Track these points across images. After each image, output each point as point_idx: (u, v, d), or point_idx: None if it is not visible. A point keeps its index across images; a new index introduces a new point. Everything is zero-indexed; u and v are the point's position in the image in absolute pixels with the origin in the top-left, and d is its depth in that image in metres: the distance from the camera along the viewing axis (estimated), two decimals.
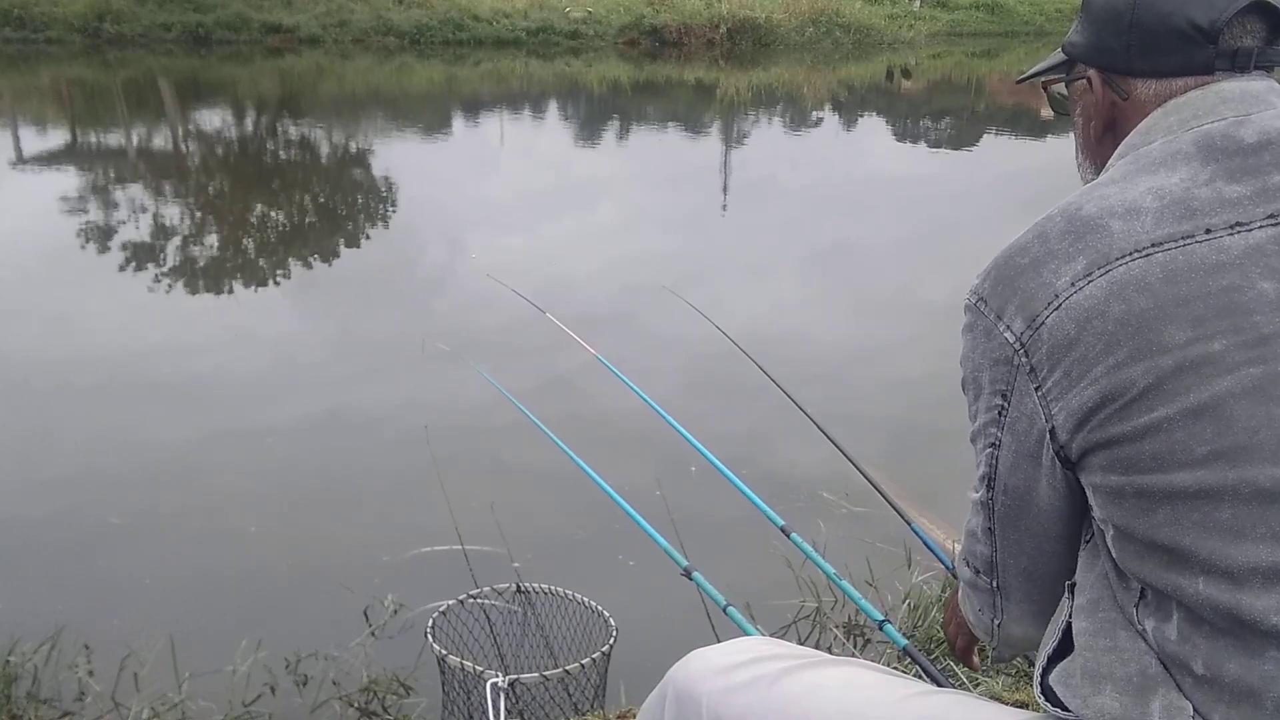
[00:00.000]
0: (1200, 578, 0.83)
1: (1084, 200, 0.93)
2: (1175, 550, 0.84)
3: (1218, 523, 0.82)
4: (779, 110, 13.92)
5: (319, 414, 4.14)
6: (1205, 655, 0.84)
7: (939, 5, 20.74)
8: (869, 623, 2.40)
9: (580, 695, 2.22)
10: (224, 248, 6.79)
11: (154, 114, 11.49)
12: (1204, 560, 0.83)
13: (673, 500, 3.39)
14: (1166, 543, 0.85)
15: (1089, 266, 0.88)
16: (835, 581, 2.07)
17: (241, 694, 2.44)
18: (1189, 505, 0.83)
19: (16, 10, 14.26)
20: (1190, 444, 0.83)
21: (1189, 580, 0.84)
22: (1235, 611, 0.82)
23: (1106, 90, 1.03)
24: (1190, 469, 0.83)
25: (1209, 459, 0.82)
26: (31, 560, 3.07)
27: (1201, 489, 0.82)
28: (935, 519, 3.37)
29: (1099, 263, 0.88)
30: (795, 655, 1.14)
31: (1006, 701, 2.18)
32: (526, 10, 16.74)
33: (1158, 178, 0.91)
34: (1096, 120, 1.05)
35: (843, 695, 1.05)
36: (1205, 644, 0.84)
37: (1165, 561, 0.85)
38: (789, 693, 1.07)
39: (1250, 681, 0.82)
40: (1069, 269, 0.89)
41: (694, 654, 1.17)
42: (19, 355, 4.67)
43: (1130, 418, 0.85)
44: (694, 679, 1.13)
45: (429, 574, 2.93)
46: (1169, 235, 0.87)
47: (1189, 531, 0.83)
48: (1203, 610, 0.84)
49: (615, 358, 2.77)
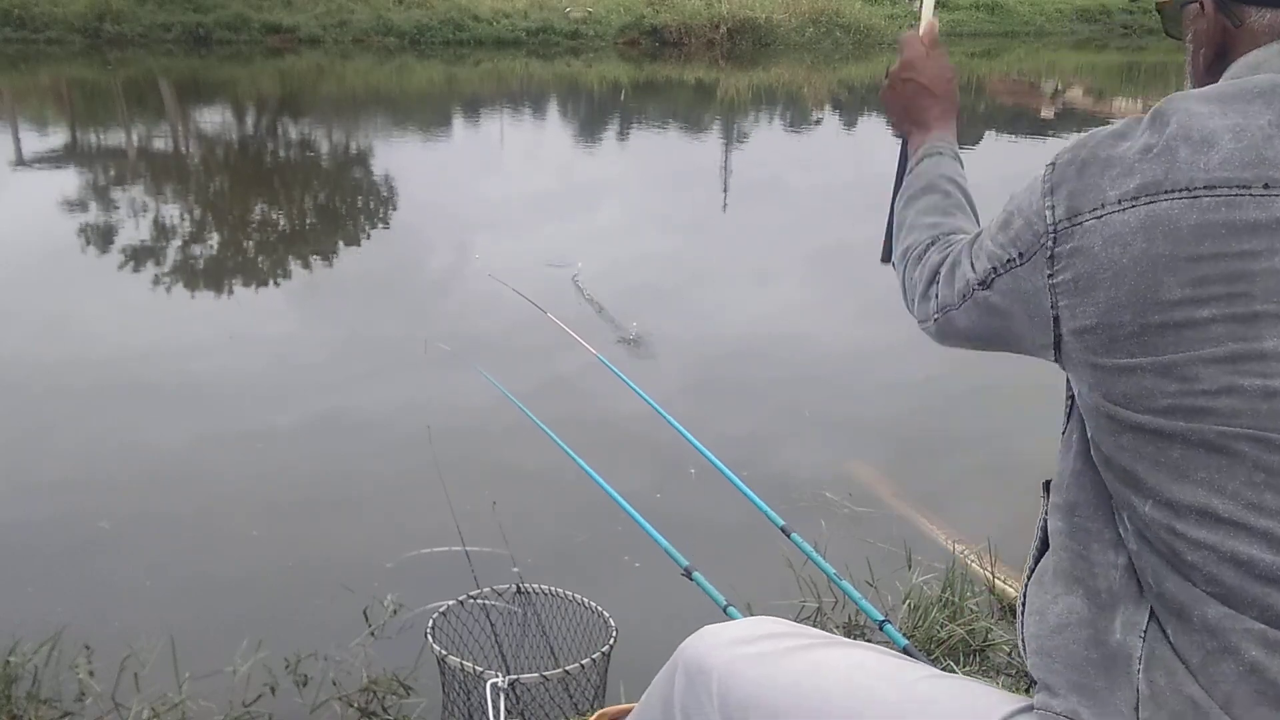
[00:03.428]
0: (1149, 501, 0.90)
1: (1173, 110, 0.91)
2: (1131, 472, 0.91)
3: (1168, 460, 0.88)
4: (779, 110, 13.92)
5: (320, 414, 4.14)
6: (1153, 570, 0.91)
7: (939, 5, 20.72)
8: (869, 623, 2.40)
9: (580, 695, 2.22)
10: (224, 248, 6.79)
11: (154, 114, 11.49)
12: (1151, 487, 0.90)
13: (673, 500, 3.39)
14: (1125, 464, 0.91)
15: (1139, 190, 0.88)
16: (835, 581, 2.08)
17: (241, 694, 2.43)
18: (1146, 439, 0.89)
19: (16, 10, 14.27)
20: (1155, 394, 0.88)
21: (1139, 500, 0.91)
22: (1172, 537, 0.89)
23: (1219, 15, 1.00)
24: (1151, 414, 0.89)
25: (1169, 411, 0.88)
26: (32, 561, 3.07)
27: (1158, 430, 0.88)
28: (936, 519, 3.38)
29: (1149, 189, 0.87)
30: (807, 634, 1.16)
31: None
32: (526, 10, 16.75)
33: (1248, 113, 0.88)
34: (1207, 48, 1.02)
35: (853, 674, 1.06)
36: (1152, 559, 0.91)
37: (1123, 478, 0.92)
38: (799, 669, 1.08)
39: (1183, 600, 0.88)
40: (1124, 184, 0.89)
41: (706, 629, 1.19)
42: (20, 355, 4.67)
43: (1112, 353, 0.89)
44: (705, 652, 1.14)
45: (429, 574, 2.93)
46: (1225, 180, 0.85)
47: (1143, 461, 0.90)
48: (1146, 529, 0.91)
49: (612, 356, 2.77)
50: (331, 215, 8.00)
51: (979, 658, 2.48)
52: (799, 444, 4.07)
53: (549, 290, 5.39)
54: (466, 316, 5.33)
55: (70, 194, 7.61)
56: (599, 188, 8.89)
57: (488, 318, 5.09)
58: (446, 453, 3.67)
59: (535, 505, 3.41)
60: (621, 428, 3.78)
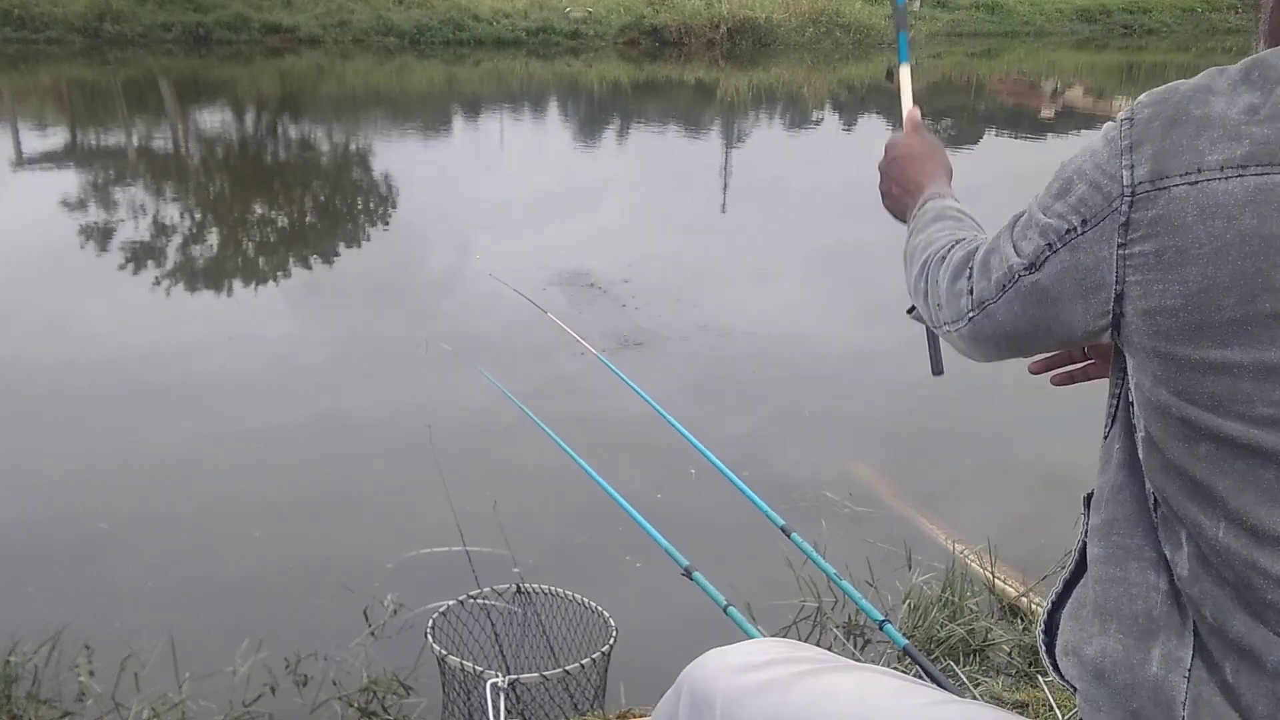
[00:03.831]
0: (1222, 522, 0.79)
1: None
2: (1206, 487, 0.79)
3: (1259, 480, 0.77)
4: (779, 110, 13.92)
5: (320, 414, 4.14)
6: (1214, 602, 0.80)
7: (939, 5, 20.75)
8: (869, 623, 2.40)
9: (580, 695, 2.22)
10: (224, 248, 6.79)
11: (154, 114, 11.49)
12: (1233, 509, 0.78)
13: (673, 500, 3.39)
14: (1200, 477, 0.79)
15: (1248, 159, 0.76)
16: (835, 581, 2.08)
17: (242, 694, 2.44)
18: (1234, 453, 0.78)
19: (16, 10, 14.26)
20: (1254, 399, 0.76)
21: (1210, 520, 0.79)
22: (1248, 568, 0.78)
23: None
24: (1245, 423, 0.77)
25: (1268, 421, 0.76)
26: (32, 561, 3.07)
27: (1252, 445, 0.77)
28: (936, 519, 3.38)
29: (1262, 159, 0.76)
30: (812, 659, 1.13)
31: (1006, 702, 2.19)
32: (526, 10, 16.75)
33: None
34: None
35: (858, 701, 1.04)
36: (1214, 590, 0.80)
37: (1190, 491, 0.80)
38: (805, 697, 1.06)
39: (1252, 642, 0.78)
40: (1228, 149, 0.77)
41: (710, 654, 1.16)
42: (20, 355, 4.67)
43: (1202, 344, 0.77)
44: (709, 679, 1.12)
45: (429, 574, 2.93)
46: None
47: (1225, 477, 0.78)
48: (1213, 555, 0.80)
49: (612, 356, 2.77)
50: (331, 215, 8.00)
51: (979, 657, 2.48)
52: (799, 444, 4.07)
53: (549, 290, 5.40)
54: (467, 316, 5.33)
55: (70, 194, 7.61)
56: (599, 188, 8.89)
57: (488, 318, 5.10)
58: (447, 453, 3.67)
59: (535, 505, 3.42)
60: (622, 428, 3.78)
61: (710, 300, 5.77)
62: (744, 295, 5.90)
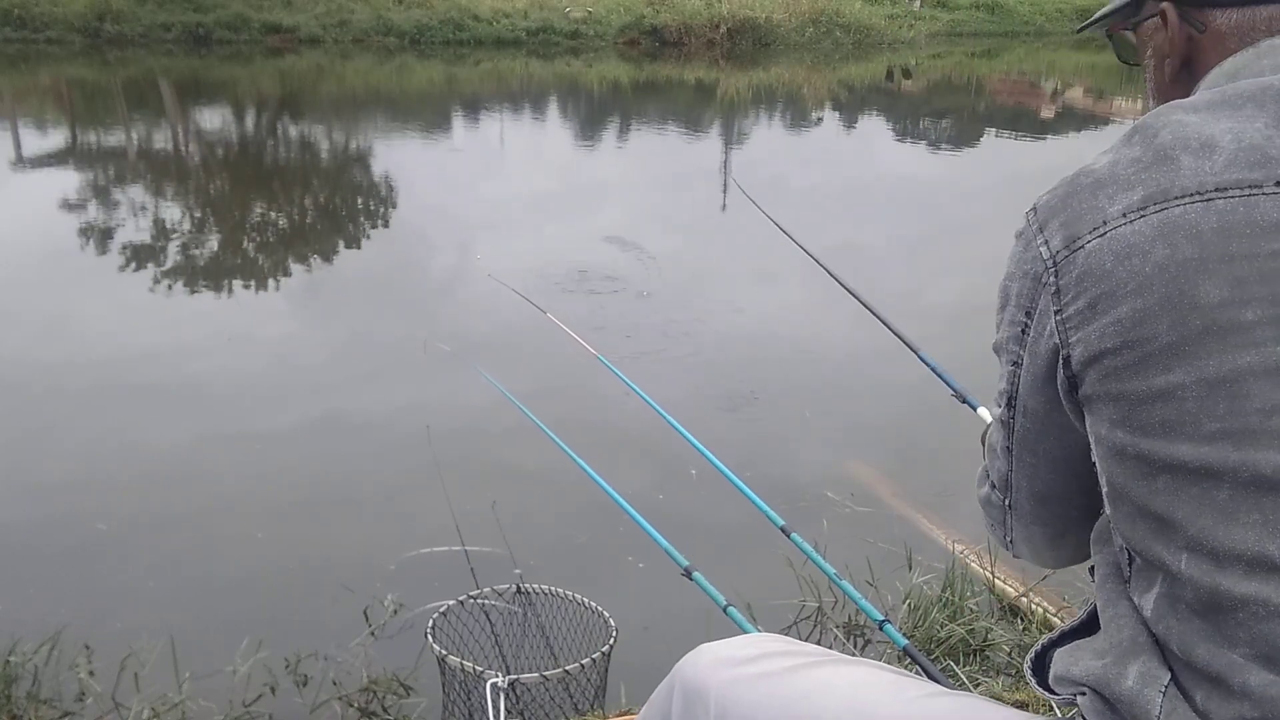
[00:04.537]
0: (1184, 554, 0.81)
1: (1161, 124, 0.87)
2: (1167, 521, 0.82)
3: (1214, 501, 0.79)
4: (779, 110, 13.92)
5: (320, 414, 4.14)
6: (1178, 637, 0.82)
7: (939, 5, 20.75)
8: (869, 623, 2.40)
9: (580, 695, 2.22)
10: (224, 248, 6.79)
11: (154, 114, 11.49)
12: (1192, 536, 0.80)
13: (673, 501, 3.39)
14: (1160, 511, 0.82)
15: (1145, 200, 0.83)
16: (835, 581, 2.07)
17: (241, 694, 2.44)
18: (1189, 479, 0.80)
19: (16, 10, 14.26)
20: (1200, 418, 0.79)
21: (1173, 555, 0.82)
22: (1212, 595, 0.79)
23: (1182, 24, 0.96)
24: (1195, 443, 0.80)
25: (1216, 436, 0.79)
26: (32, 561, 3.07)
27: (1203, 465, 0.79)
28: (936, 519, 3.38)
29: (1157, 198, 0.83)
30: (805, 652, 1.13)
31: (1007, 701, 2.19)
32: (526, 10, 16.75)
33: (1239, 118, 0.85)
34: (1172, 58, 0.98)
35: (852, 694, 1.04)
36: (1178, 625, 0.82)
37: (1155, 530, 0.83)
38: (798, 689, 1.06)
39: (1219, 668, 0.80)
40: (1125, 198, 0.84)
41: (703, 647, 1.16)
42: (20, 355, 4.67)
43: (1145, 374, 0.81)
44: (703, 672, 1.12)
45: (429, 574, 2.93)
46: (1236, 181, 0.81)
47: (1183, 505, 0.81)
48: (1181, 588, 0.82)
49: (614, 358, 2.77)
50: (331, 215, 8.00)
51: (979, 657, 2.48)
52: (799, 444, 4.07)
53: (549, 290, 5.40)
54: (466, 316, 5.33)
55: (70, 194, 7.61)
56: (599, 188, 8.89)
57: (487, 318, 5.10)
58: (446, 453, 3.68)
59: (535, 505, 3.42)
60: (621, 428, 3.79)
61: (710, 300, 5.77)
62: (744, 294, 5.90)
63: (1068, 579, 2.80)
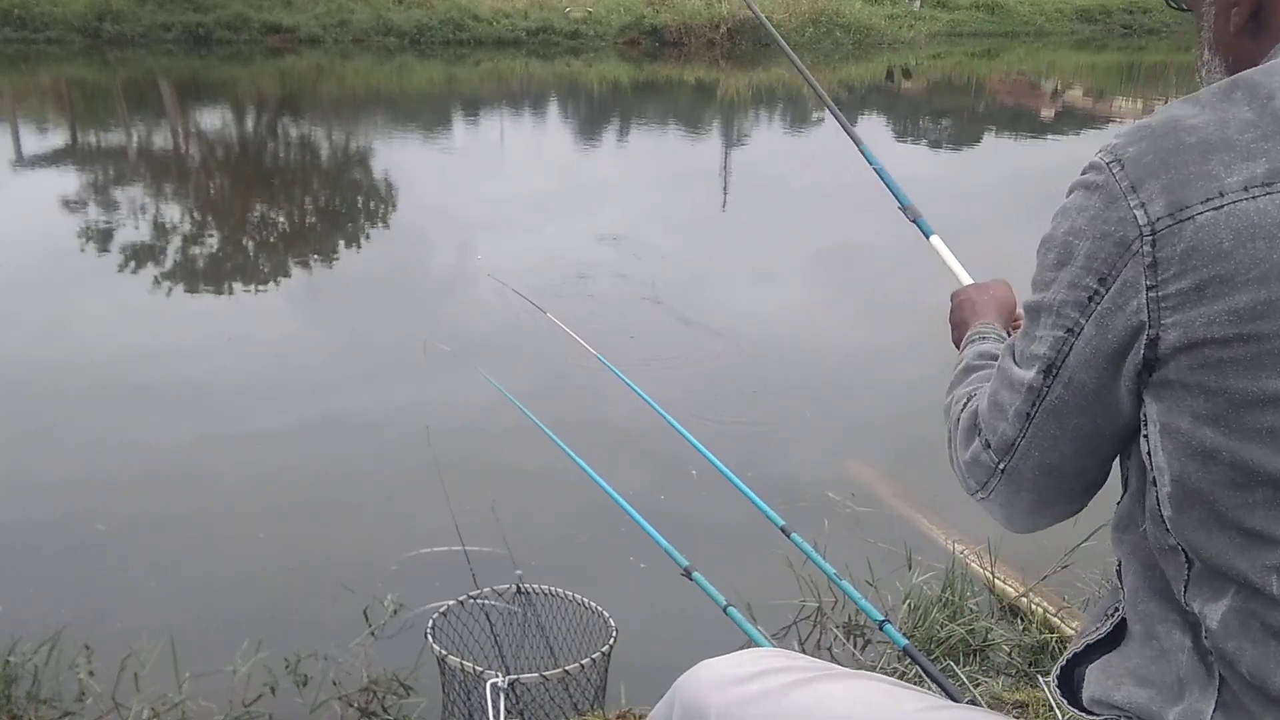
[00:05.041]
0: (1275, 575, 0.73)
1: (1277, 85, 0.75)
2: (1262, 537, 0.73)
3: None
4: (779, 110, 13.92)
5: (320, 415, 4.14)
6: (1252, 659, 0.75)
7: (939, 5, 20.74)
8: (869, 623, 2.40)
9: (580, 695, 2.22)
10: (224, 248, 6.79)
11: (154, 114, 11.49)
12: None
13: (673, 501, 3.39)
14: (1254, 526, 0.73)
15: (1272, 175, 0.72)
16: (836, 581, 2.08)
17: (241, 694, 2.44)
18: None
19: (16, 10, 14.27)
20: None
21: (1261, 574, 0.73)
22: None
23: None
24: None
25: None
26: (32, 561, 3.07)
27: None
28: (936, 519, 3.37)
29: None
30: (805, 667, 1.12)
31: (1006, 702, 2.19)
32: (526, 10, 16.75)
33: None
34: (1240, 6, 0.84)
35: (852, 708, 1.04)
36: (1253, 647, 0.75)
37: (1240, 544, 0.74)
38: (798, 705, 1.05)
39: None
40: (1246, 168, 0.72)
41: (703, 664, 1.16)
42: (20, 355, 4.67)
43: (1257, 375, 0.71)
44: (702, 689, 1.11)
45: (429, 574, 2.93)
46: None
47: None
48: (1266, 609, 0.74)
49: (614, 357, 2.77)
50: (331, 215, 8.00)
51: (979, 657, 2.48)
52: (799, 444, 4.07)
53: (548, 290, 5.40)
54: (466, 317, 5.33)
55: (70, 194, 7.61)
56: (599, 188, 8.89)
57: (487, 318, 5.10)
58: (446, 453, 3.67)
59: (535, 505, 3.41)
60: (621, 428, 3.78)
61: (711, 300, 5.77)
62: (744, 295, 5.90)
63: (1068, 579, 2.80)
